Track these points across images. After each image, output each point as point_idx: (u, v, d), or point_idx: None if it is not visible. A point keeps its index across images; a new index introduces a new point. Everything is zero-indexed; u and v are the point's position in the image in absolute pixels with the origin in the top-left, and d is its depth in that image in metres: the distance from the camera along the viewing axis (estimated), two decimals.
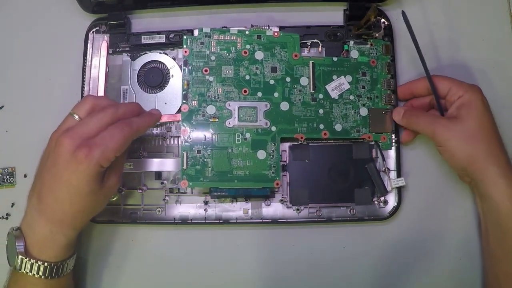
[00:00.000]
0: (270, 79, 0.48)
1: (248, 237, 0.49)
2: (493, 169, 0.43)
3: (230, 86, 0.47)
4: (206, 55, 0.48)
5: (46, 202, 0.40)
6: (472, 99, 0.44)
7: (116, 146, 0.39)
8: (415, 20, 0.51)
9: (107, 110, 0.41)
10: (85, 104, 0.42)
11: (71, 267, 0.43)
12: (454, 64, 0.51)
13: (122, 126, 0.40)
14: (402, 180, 0.47)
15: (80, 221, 0.41)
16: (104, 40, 0.46)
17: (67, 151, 0.38)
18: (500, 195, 0.43)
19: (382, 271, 0.48)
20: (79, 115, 0.41)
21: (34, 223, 0.40)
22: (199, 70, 0.47)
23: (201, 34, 0.48)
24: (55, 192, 0.39)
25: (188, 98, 0.47)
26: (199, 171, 0.46)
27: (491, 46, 0.51)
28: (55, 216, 0.40)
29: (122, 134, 0.39)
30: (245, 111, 0.47)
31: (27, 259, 0.39)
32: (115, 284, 0.49)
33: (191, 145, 0.46)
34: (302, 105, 0.48)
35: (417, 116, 0.46)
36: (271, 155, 0.47)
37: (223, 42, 0.48)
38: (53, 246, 0.40)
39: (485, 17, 0.52)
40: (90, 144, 0.38)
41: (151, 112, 0.45)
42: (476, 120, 0.44)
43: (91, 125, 0.39)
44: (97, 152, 0.38)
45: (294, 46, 0.49)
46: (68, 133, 0.39)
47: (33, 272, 0.39)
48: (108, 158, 0.39)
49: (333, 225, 0.49)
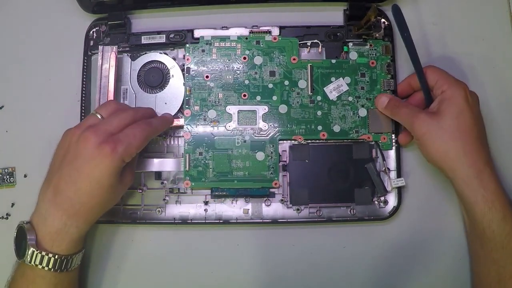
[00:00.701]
0: (269, 83, 0.48)
1: (248, 237, 0.49)
2: (464, 169, 0.42)
3: (230, 91, 0.48)
4: (207, 62, 0.49)
5: (66, 194, 0.40)
6: (454, 95, 0.44)
7: (138, 143, 0.42)
8: (415, 20, 0.51)
9: (128, 111, 0.44)
10: (108, 106, 0.44)
11: (79, 262, 0.44)
12: (454, 64, 0.51)
13: (143, 125, 0.43)
14: (402, 180, 0.47)
15: (94, 214, 0.42)
16: (112, 51, 0.48)
17: (92, 145, 0.40)
18: (473, 196, 0.42)
19: (382, 271, 0.48)
20: (102, 115, 0.43)
21: (48, 216, 0.41)
22: (200, 76, 0.48)
23: (202, 42, 0.49)
24: (76, 184, 0.40)
25: (190, 104, 0.48)
26: (201, 172, 0.47)
27: (491, 46, 0.51)
28: (72, 208, 0.41)
29: (143, 132, 0.42)
30: (244, 114, 0.48)
31: (38, 251, 0.40)
32: (115, 284, 0.49)
33: (193, 148, 0.47)
34: (300, 107, 0.48)
35: (399, 106, 0.46)
36: (269, 156, 0.47)
37: (223, 49, 0.49)
38: (65, 239, 0.41)
39: (485, 17, 0.52)
40: (115, 139, 0.40)
41: (164, 115, 0.48)
42: (454, 117, 0.43)
43: (115, 123, 0.42)
44: (122, 147, 0.40)
45: (292, 50, 0.49)
46: (93, 129, 0.41)
47: (43, 265, 0.40)
48: (131, 153, 0.41)
49: (333, 225, 0.49)
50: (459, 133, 0.43)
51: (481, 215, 0.42)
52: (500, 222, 0.42)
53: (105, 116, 0.43)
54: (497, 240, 0.42)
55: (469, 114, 0.43)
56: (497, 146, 0.49)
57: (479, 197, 0.42)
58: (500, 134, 0.49)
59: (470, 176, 0.42)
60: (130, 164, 0.44)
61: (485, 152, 0.44)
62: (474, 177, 0.42)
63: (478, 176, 0.42)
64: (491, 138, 0.48)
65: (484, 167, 0.43)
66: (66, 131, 0.43)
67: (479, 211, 0.42)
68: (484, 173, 0.43)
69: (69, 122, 0.48)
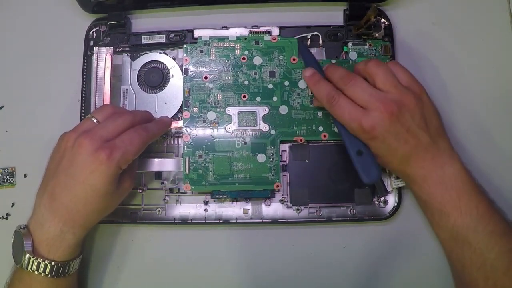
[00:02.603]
0: (269, 84, 0.48)
1: (248, 237, 0.49)
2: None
3: (230, 92, 0.48)
4: (206, 62, 0.49)
5: (61, 201, 0.40)
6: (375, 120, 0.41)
7: (134, 150, 0.41)
8: (415, 20, 0.51)
9: (125, 116, 0.43)
10: (104, 110, 0.43)
11: (77, 267, 0.43)
12: (454, 64, 0.51)
13: (140, 130, 0.42)
14: (402, 180, 0.47)
15: (91, 221, 0.42)
16: (108, 53, 0.48)
17: (87, 151, 0.39)
18: (434, 184, 0.42)
19: (382, 271, 0.48)
20: (97, 119, 0.42)
21: (44, 222, 0.40)
22: (199, 77, 0.48)
23: (200, 42, 0.49)
24: (71, 191, 0.40)
25: (189, 105, 0.48)
26: (201, 175, 0.47)
27: (491, 46, 0.51)
28: (68, 215, 0.40)
29: (140, 138, 0.42)
30: (244, 115, 0.48)
31: (34, 257, 0.39)
32: (115, 284, 0.49)
33: (193, 151, 0.47)
34: (300, 108, 0.48)
35: (319, 81, 0.45)
36: (270, 158, 0.47)
37: (222, 49, 0.49)
38: (62, 246, 0.41)
39: (485, 17, 0.52)
40: (111, 145, 0.40)
41: (162, 119, 0.47)
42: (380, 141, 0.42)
43: (111, 128, 0.41)
44: (118, 154, 0.39)
45: (292, 50, 0.49)
46: (88, 134, 0.40)
47: (40, 271, 0.40)
48: (127, 160, 0.40)
49: (333, 225, 0.49)
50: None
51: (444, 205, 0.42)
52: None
53: (101, 120, 0.42)
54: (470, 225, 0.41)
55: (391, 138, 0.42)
56: (497, 146, 0.49)
57: (439, 184, 0.42)
58: (500, 134, 0.49)
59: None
60: (129, 170, 0.43)
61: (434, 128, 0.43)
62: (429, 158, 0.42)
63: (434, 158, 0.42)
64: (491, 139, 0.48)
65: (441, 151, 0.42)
66: (62, 135, 0.43)
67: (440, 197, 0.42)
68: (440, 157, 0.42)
69: (69, 122, 0.48)
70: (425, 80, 0.47)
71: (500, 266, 0.40)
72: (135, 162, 0.44)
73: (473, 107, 0.50)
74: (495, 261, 0.40)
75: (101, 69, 0.48)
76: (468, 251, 0.41)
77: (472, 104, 0.50)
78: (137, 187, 0.48)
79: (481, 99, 0.46)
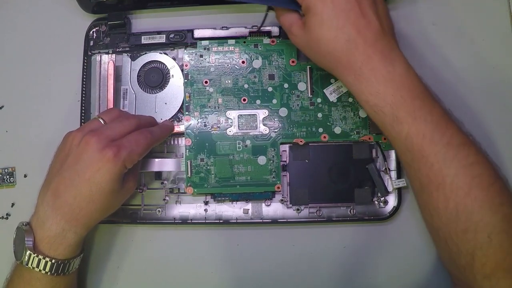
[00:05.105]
0: (268, 87, 0.48)
1: (248, 237, 0.49)
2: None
3: (230, 95, 0.48)
4: (206, 67, 0.49)
5: (64, 198, 0.40)
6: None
7: (140, 150, 0.42)
8: (415, 20, 0.51)
9: (131, 119, 0.44)
10: (111, 112, 0.45)
11: (77, 266, 0.44)
12: (453, 64, 0.51)
13: (146, 132, 0.43)
14: (403, 181, 0.47)
15: (93, 220, 0.42)
16: (111, 60, 0.49)
17: (94, 149, 0.40)
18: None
19: (382, 271, 0.48)
20: (104, 120, 0.43)
21: (46, 220, 0.41)
22: (199, 82, 0.48)
23: (200, 47, 0.49)
24: (75, 188, 0.40)
25: (190, 110, 0.48)
26: (203, 178, 0.47)
27: (491, 46, 0.51)
28: (71, 213, 0.40)
29: (146, 139, 0.42)
30: (244, 119, 0.48)
31: (35, 254, 0.40)
32: (114, 284, 0.49)
33: (195, 154, 0.47)
34: (300, 110, 0.48)
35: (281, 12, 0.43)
36: (271, 160, 0.47)
37: (221, 53, 0.49)
38: (63, 244, 0.41)
39: (485, 17, 0.52)
40: (118, 144, 0.40)
41: (165, 123, 0.48)
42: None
43: (117, 129, 0.42)
44: (125, 152, 0.40)
45: (291, 53, 0.49)
46: (95, 133, 0.41)
47: (40, 268, 0.40)
48: (133, 160, 0.41)
49: (333, 225, 0.49)
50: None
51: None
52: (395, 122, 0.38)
53: (108, 122, 0.43)
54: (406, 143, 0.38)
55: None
56: (497, 146, 0.49)
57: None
58: (501, 135, 0.49)
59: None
60: (133, 171, 0.44)
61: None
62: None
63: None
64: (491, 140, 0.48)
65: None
66: (67, 134, 0.43)
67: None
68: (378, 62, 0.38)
69: (69, 122, 0.48)
70: (425, 80, 0.47)
71: (461, 184, 0.36)
72: (138, 163, 0.45)
73: (473, 107, 0.50)
74: (456, 177, 0.36)
75: (104, 76, 0.49)
76: (424, 166, 0.37)
77: (472, 104, 0.50)
78: (137, 187, 0.48)
79: (481, 99, 0.46)
